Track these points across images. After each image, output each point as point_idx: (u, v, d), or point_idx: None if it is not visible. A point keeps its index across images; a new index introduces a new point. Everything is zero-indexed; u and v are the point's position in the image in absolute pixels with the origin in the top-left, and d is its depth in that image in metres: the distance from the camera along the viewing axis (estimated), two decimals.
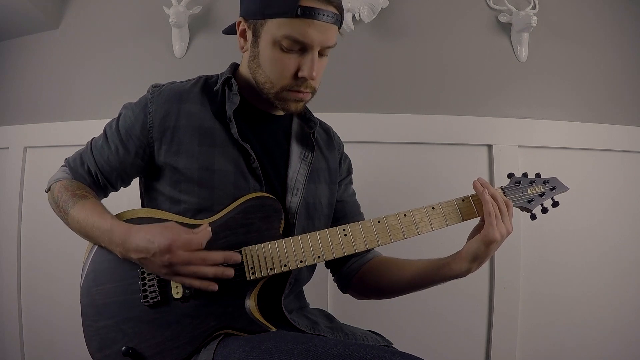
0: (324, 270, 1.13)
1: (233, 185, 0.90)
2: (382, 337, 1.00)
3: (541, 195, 0.96)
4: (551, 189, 0.96)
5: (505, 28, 1.65)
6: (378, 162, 1.58)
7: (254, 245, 0.86)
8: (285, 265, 0.87)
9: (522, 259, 1.55)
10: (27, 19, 1.71)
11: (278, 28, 0.85)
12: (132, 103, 0.96)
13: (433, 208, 0.91)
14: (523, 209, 0.96)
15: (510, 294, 1.55)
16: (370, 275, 1.04)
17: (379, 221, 0.90)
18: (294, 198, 0.96)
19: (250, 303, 0.86)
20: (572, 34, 1.66)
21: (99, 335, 0.85)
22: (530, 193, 0.95)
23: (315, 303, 1.13)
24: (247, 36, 0.92)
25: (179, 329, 0.83)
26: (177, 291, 0.84)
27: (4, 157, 1.76)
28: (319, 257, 0.88)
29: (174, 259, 0.79)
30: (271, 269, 0.86)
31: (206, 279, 0.81)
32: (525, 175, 0.97)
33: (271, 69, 0.89)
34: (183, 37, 1.66)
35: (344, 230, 0.89)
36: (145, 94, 0.96)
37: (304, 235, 0.88)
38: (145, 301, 0.84)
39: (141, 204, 1.01)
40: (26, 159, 1.74)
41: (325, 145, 1.07)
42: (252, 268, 0.86)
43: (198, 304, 0.84)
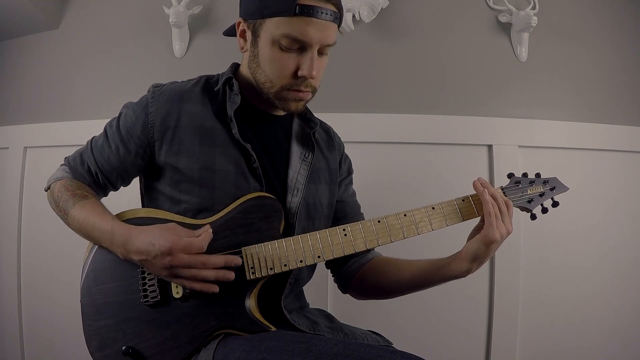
0: (324, 270, 1.13)
1: (234, 185, 0.90)
2: (382, 337, 1.00)
3: (541, 195, 0.96)
4: (551, 189, 0.96)
5: (505, 28, 1.65)
6: (378, 162, 1.58)
7: (254, 245, 0.86)
8: (286, 265, 0.87)
9: (522, 259, 1.55)
10: (27, 19, 1.71)
11: (277, 27, 0.85)
12: (133, 102, 0.96)
13: (433, 208, 0.91)
14: (523, 209, 0.96)
15: (510, 294, 1.54)
16: (370, 276, 1.04)
17: (379, 221, 0.90)
18: (294, 198, 0.96)
19: (251, 303, 0.86)
20: (572, 34, 1.66)
21: (99, 334, 0.85)
22: (530, 193, 0.95)
23: (315, 303, 1.13)
24: (247, 36, 0.92)
25: (179, 328, 0.83)
26: (177, 291, 0.84)
27: (4, 157, 1.76)
28: (319, 257, 0.88)
29: (175, 262, 0.79)
30: (271, 269, 0.86)
31: (207, 281, 0.81)
32: (525, 175, 0.97)
33: (271, 68, 0.88)
34: (183, 37, 1.66)
35: (344, 230, 0.89)
36: (145, 93, 0.96)
37: (304, 235, 0.88)
38: (145, 301, 0.84)
39: (141, 204, 1.01)
40: (26, 159, 1.74)
41: (325, 146, 1.07)
42: (252, 268, 0.86)
43: (198, 303, 0.84)
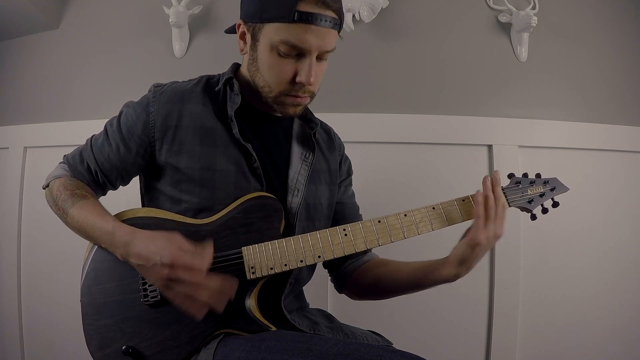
0: (324, 270, 1.13)
1: (234, 185, 0.90)
2: (382, 337, 1.00)
3: (541, 195, 0.96)
4: (551, 190, 0.96)
5: (505, 28, 1.65)
6: (378, 162, 1.58)
7: (254, 245, 0.86)
8: (286, 264, 0.87)
9: (522, 259, 1.55)
10: (27, 19, 1.71)
11: (275, 33, 0.84)
12: (134, 102, 0.96)
13: (433, 208, 0.91)
14: (523, 209, 0.96)
15: (510, 294, 1.54)
16: (365, 277, 1.04)
17: (379, 221, 0.90)
18: (294, 198, 0.95)
19: (251, 302, 0.86)
20: (572, 34, 1.66)
21: (99, 334, 0.85)
22: (530, 193, 0.95)
23: (315, 303, 1.13)
24: (247, 39, 0.91)
25: (179, 328, 0.83)
26: None
27: (4, 157, 1.76)
28: (319, 257, 0.88)
29: (172, 276, 0.77)
30: (271, 269, 0.86)
31: (195, 304, 0.78)
32: (525, 175, 0.97)
33: (269, 73, 0.88)
34: (183, 37, 1.66)
35: (344, 230, 0.89)
36: (146, 93, 0.96)
37: (304, 235, 0.88)
38: (145, 300, 0.84)
39: (141, 203, 1.01)
40: (26, 159, 1.74)
41: (326, 146, 1.07)
42: (253, 267, 0.85)
43: None
